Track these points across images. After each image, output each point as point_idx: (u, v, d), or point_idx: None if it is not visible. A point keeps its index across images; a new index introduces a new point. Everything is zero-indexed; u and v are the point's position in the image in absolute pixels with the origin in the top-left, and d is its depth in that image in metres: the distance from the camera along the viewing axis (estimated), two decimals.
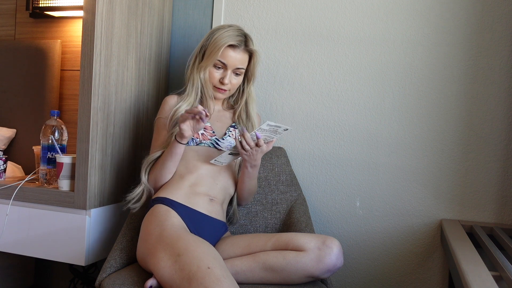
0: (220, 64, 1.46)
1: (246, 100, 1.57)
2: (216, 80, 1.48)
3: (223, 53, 1.45)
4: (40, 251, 1.54)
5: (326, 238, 1.26)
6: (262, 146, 1.34)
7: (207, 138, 1.47)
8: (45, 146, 1.56)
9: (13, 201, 1.52)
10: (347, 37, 1.72)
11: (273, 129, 1.32)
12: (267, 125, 1.29)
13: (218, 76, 1.48)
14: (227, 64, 1.46)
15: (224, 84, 1.48)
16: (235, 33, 1.45)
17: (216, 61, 1.45)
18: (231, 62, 1.46)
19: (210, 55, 1.45)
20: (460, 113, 1.62)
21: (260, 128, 1.30)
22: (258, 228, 1.61)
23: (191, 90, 1.49)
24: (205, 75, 1.47)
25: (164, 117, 1.49)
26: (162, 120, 1.50)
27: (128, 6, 1.59)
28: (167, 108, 1.51)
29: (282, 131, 1.32)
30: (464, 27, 1.60)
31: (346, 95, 1.73)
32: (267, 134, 1.34)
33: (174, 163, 1.41)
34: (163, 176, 1.42)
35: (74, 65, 1.92)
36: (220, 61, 1.45)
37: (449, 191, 1.63)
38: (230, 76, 1.48)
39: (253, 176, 1.46)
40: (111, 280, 1.24)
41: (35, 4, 1.88)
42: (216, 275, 1.06)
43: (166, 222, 1.28)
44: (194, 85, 1.49)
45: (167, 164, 1.40)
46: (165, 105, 1.52)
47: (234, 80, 1.50)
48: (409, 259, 1.68)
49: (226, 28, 1.47)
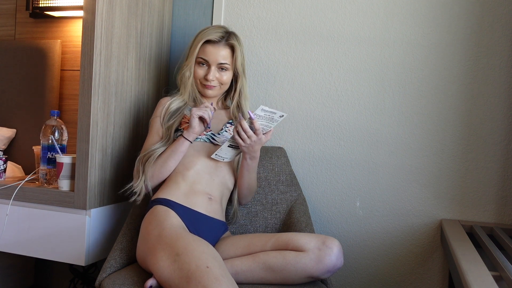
0: (202, 60, 1.51)
1: (239, 97, 1.59)
2: (201, 77, 1.52)
3: (203, 50, 1.49)
4: (40, 251, 1.54)
5: (326, 238, 1.26)
6: (260, 136, 1.34)
7: (202, 134, 1.47)
8: (45, 146, 1.56)
9: (13, 201, 1.52)
10: (347, 37, 1.72)
11: (269, 116, 1.32)
12: (261, 110, 1.29)
13: (202, 73, 1.52)
14: (208, 60, 1.50)
15: (208, 80, 1.50)
16: (215, 30, 1.50)
17: (198, 58, 1.50)
18: (212, 58, 1.49)
19: (191, 52, 1.51)
20: (460, 113, 1.62)
21: (255, 114, 1.30)
22: (258, 228, 1.61)
23: (184, 89, 1.53)
24: (191, 73, 1.51)
25: (158, 116, 1.52)
26: (157, 119, 1.52)
27: (128, 6, 1.59)
28: (160, 108, 1.54)
29: (278, 118, 1.32)
30: (464, 27, 1.60)
31: (346, 95, 1.73)
32: (264, 122, 1.33)
33: (176, 161, 1.42)
34: (161, 174, 1.42)
35: (74, 65, 1.92)
36: (201, 58, 1.50)
37: (449, 191, 1.63)
38: (214, 71, 1.51)
39: (252, 169, 1.46)
40: (111, 280, 1.24)
41: (35, 4, 1.88)
42: (215, 274, 1.06)
43: (165, 222, 1.28)
44: (183, 83, 1.53)
45: (169, 161, 1.41)
46: (159, 106, 1.55)
47: (220, 75, 1.52)
48: (409, 259, 1.68)
49: (209, 27, 1.53)
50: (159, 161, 1.42)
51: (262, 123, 1.33)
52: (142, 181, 1.41)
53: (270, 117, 1.32)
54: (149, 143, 1.49)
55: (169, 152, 1.42)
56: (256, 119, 1.31)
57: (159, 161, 1.42)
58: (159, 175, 1.42)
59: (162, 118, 1.50)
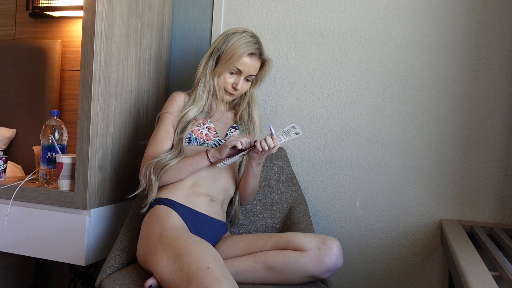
0: (235, 70, 1.46)
1: (249, 102, 1.58)
2: (229, 85, 1.49)
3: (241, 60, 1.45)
4: (40, 251, 1.54)
5: (326, 238, 1.26)
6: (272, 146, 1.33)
7: (210, 139, 1.47)
8: (45, 146, 1.56)
9: (13, 201, 1.52)
10: (347, 37, 1.72)
11: (287, 130, 1.33)
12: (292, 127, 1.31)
13: (231, 81, 1.48)
14: (242, 71, 1.46)
15: (236, 90, 1.49)
16: (252, 40, 1.46)
17: (233, 67, 1.45)
18: (247, 70, 1.47)
19: (228, 61, 1.44)
20: (460, 113, 1.62)
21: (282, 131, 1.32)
22: (258, 228, 1.61)
23: (202, 93, 1.48)
24: (219, 80, 1.47)
25: (170, 112, 1.48)
26: (168, 115, 1.48)
27: (128, 6, 1.59)
28: (174, 105, 1.49)
29: (294, 134, 1.33)
30: (464, 27, 1.60)
31: (346, 95, 1.73)
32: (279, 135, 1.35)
33: (191, 174, 1.40)
34: (171, 181, 1.40)
35: (74, 65, 1.92)
36: (236, 68, 1.45)
37: (449, 191, 1.63)
38: (243, 82, 1.49)
39: (257, 174, 1.47)
40: (111, 280, 1.24)
41: (35, 4, 1.88)
42: (216, 275, 1.06)
43: (166, 222, 1.28)
44: (207, 88, 1.48)
45: (184, 173, 1.39)
46: (172, 101, 1.50)
47: (245, 85, 1.51)
48: (409, 259, 1.68)
49: (241, 33, 1.46)
50: (174, 171, 1.38)
51: (277, 135, 1.34)
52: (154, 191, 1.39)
53: (287, 131, 1.33)
54: (158, 143, 1.45)
55: (188, 165, 1.38)
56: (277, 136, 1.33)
57: (174, 171, 1.38)
58: (168, 181, 1.40)
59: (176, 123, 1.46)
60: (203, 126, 1.48)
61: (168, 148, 1.45)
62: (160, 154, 1.41)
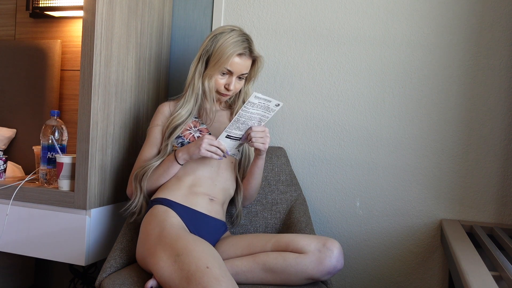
0: (226, 71, 1.44)
1: (244, 99, 1.57)
2: (221, 86, 1.47)
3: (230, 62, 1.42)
4: (40, 251, 1.54)
5: (326, 240, 1.26)
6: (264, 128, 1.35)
7: None
8: (45, 146, 1.56)
9: (13, 201, 1.52)
10: (347, 37, 1.72)
11: (264, 105, 1.31)
12: (255, 97, 1.28)
13: (223, 82, 1.46)
14: (233, 72, 1.44)
15: (229, 91, 1.47)
16: (240, 39, 1.42)
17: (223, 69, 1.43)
18: (238, 69, 1.44)
19: (217, 63, 1.42)
20: (460, 113, 1.62)
21: (249, 102, 1.28)
22: (258, 228, 1.61)
23: (190, 97, 1.47)
24: (211, 82, 1.45)
25: (156, 125, 1.49)
26: (154, 128, 1.49)
27: (128, 6, 1.59)
28: (160, 117, 1.50)
29: (274, 107, 1.32)
30: (464, 27, 1.60)
31: (346, 95, 1.73)
32: (260, 112, 1.32)
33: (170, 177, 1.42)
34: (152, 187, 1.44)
35: (74, 65, 1.92)
36: (226, 69, 1.43)
37: (449, 191, 1.63)
38: (236, 81, 1.47)
39: (262, 166, 1.48)
40: (111, 280, 1.24)
41: (35, 4, 1.88)
42: (215, 274, 1.06)
43: (165, 222, 1.28)
44: (194, 92, 1.47)
45: (161, 179, 1.42)
46: (158, 114, 1.51)
47: (238, 84, 1.49)
48: (409, 259, 1.68)
49: (229, 32, 1.43)
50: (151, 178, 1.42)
51: (258, 112, 1.32)
52: (139, 199, 1.43)
53: (266, 106, 1.31)
54: (144, 156, 1.47)
55: (161, 171, 1.41)
56: (251, 107, 1.30)
57: (154, 176, 1.42)
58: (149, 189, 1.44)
59: (164, 129, 1.46)
60: (194, 129, 1.47)
61: (154, 154, 1.47)
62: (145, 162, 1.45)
